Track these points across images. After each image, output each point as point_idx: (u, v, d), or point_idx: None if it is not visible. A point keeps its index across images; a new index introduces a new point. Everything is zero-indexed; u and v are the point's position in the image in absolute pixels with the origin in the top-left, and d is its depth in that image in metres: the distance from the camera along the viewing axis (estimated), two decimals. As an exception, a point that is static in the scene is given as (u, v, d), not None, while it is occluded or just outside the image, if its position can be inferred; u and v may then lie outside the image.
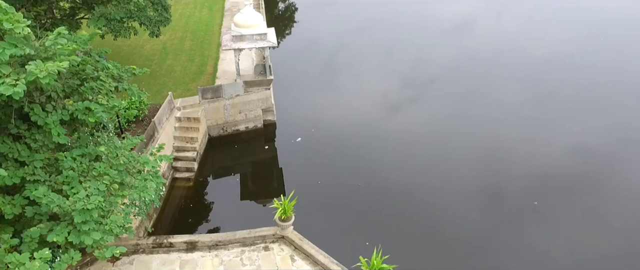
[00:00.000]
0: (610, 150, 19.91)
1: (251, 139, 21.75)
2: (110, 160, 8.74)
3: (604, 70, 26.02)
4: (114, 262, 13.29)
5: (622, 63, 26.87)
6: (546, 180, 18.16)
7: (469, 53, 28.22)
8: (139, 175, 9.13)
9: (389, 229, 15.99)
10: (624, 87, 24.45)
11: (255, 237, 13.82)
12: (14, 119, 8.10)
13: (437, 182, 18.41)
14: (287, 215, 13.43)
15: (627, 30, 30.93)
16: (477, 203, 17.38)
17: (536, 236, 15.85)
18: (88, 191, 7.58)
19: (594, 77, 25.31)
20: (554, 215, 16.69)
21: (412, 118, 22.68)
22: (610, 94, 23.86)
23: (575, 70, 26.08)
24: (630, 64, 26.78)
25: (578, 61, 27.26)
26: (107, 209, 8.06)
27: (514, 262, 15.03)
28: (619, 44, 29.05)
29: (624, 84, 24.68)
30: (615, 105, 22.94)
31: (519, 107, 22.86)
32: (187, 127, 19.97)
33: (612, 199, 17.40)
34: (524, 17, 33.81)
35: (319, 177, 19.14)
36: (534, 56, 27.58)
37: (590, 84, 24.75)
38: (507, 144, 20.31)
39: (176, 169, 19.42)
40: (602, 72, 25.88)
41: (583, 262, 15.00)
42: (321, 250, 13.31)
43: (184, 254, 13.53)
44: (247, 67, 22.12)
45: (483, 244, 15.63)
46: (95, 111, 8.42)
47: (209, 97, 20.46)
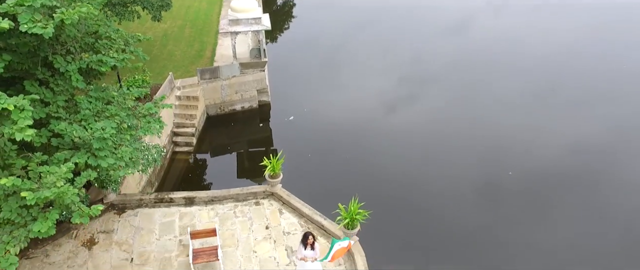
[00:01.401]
0: (612, 145, 20.40)
1: (247, 118, 23.43)
2: (120, 104, 10.45)
3: (606, 65, 26.68)
4: (120, 214, 15.01)
5: (624, 58, 27.59)
6: (546, 175, 18.69)
7: (468, 48, 29.22)
8: (144, 118, 10.82)
9: (371, 197, 17.16)
10: (627, 81, 25.06)
11: (247, 193, 15.51)
12: (40, 66, 9.82)
13: (431, 168, 19.42)
14: (276, 172, 15.11)
15: (629, 24, 31.89)
16: (474, 195, 17.97)
17: (534, 229, 16.42)
18: (102, 126, 9.29)
19: (596, 72, 25.96)
20: (555, 209, 17.21)
21: (406, 101, 24.21)
22: (612, 88, 24.46)
23: (577, 65, 26.74)
24: (632, 59, 27.52)
25: (580, 55, 27.92)
26: (118, 143, 9.74)
27: (512, 256, 15.63)
28: (621, 38, 29.92)
29: (626, 79, 25.31)
30: (617, 99, 23.53)
31: (519, 101, 23.52)
32: (186, 105, 21.68)
33: (613, 193, 17.90)
34: (525, 12, 34.83)
35: (309, 151, 20.79)
36: (536, 51, 28.42)
37: (592, 78, 25.38)
38: (506, 137, 20.89)
39: (176, 143, 21.13)
40: (604, 66, 26.51)
41: (584, 256, 15.46)
42: (306, 204, 14.99)
43: (183, 207, 15.22)
44: (244, 52, 23.82)
45: (482, 238, 16.09)
46: (108, 62, 10.15)
47: (207, 78, 22.17)
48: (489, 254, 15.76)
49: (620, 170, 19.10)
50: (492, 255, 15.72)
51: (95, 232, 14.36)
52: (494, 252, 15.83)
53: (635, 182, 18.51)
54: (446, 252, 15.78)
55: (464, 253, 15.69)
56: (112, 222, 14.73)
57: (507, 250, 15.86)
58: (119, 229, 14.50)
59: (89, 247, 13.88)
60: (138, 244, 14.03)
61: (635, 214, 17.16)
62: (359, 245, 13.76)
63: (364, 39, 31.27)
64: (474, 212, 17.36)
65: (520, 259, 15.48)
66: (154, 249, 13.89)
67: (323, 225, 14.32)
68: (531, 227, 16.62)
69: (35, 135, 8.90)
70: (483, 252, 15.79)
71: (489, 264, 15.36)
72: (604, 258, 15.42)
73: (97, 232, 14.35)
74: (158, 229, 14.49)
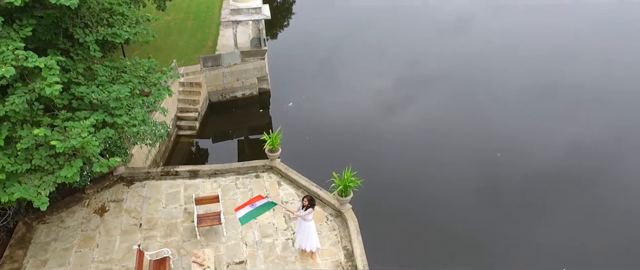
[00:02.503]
0: (611, 145, 20.86)
1: (247, 105, 24.67)
2: (133, 72, 11.68)
3: (605, 65, 27.07)
4: (129, 186, 16.21)
5: (623, 58, 27.98)
6: (545, 175, 19.09)
7: (466, 48, 29.73)
8: (154, 87, 12.04)
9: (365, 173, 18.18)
10: (627, 82, 25.42)
11: (248, 167, 16.72)
12: (61, 37, 11.04)
13: (427, 154, 20.26)
14: (275, 147, 16.31)
15: (628, 25, 32.33)
16: (472, 193, 18.43)
17: (532, 228, 16.80)
18: (118, 89, 10.51)
19: (595, 72, 26.36)
20: (553, 208, 17.66)
21: (405, 99, 25.18)
22: (611, 89, 24.83)
23: (576, 66, 27.12)
24: (631, 59, 27.97)
25: (578, 56, 28.31)
26: (131, 106, 10.95)
27: (510, 254, 16.04)
28: (620, 39, 30.38)
29: (625, 79, 25.67)
30: (615, 100, 23.89)
31: (518, 101, 24.01)
32: (189, 91, 22.92)
33: (611, 193, 18.29)
34: (523, 12, 35.27)
35: (307, 134, 22.00)
36: (534, 51, 28.88)
37: (591, 78, 25.78)
38: (505, 137, 21.30)
39: (180, 127, 22.36)
40: (602, 67, 26.91)
41: (582, 256, 15.84)
42: (303, 176, 16.18)
43: (187, 180, 16.43)
44: (245, 42, 25.09)
45: (481, 237, 16.49)
46: (121, 35, 11.37)
47: (209, 65, 23.42)
48: (485, 247, 16.09)
49: (618, 170, 19.44)
50: (488, 248, 16.07)
51: (106, 201, 15.56)
52: (490, 245, 16.18)
53: (633, 182, 18.80)
54: (434, 226, 16.93)
55: (456, 238, 16.48)
56: (122, 192, 15.93)
57: (503, 245, 16.23)
58: (128, 198, 15.70)
59: (100, 214, 15.08)
60: (146, 211, 15.23)
61: (633, 213, 17.41)
62: (352, 212, 14.95)
63: (363, 35, 32.40)
64: (468, 201, 18.03)
65: (518, 257, 15.80)
66: (161, 215, 15.09)
67: (319, 195, 15.51)
68: (529, 226, 16.90)
69: (58, 97, 10.15)
70: (477, 244, 16.14)
71: (485, 258, 15.75)
72: (602, 258, 15.77)
73: (108, 201, 15.55)
74: (164, 199, 15.69)
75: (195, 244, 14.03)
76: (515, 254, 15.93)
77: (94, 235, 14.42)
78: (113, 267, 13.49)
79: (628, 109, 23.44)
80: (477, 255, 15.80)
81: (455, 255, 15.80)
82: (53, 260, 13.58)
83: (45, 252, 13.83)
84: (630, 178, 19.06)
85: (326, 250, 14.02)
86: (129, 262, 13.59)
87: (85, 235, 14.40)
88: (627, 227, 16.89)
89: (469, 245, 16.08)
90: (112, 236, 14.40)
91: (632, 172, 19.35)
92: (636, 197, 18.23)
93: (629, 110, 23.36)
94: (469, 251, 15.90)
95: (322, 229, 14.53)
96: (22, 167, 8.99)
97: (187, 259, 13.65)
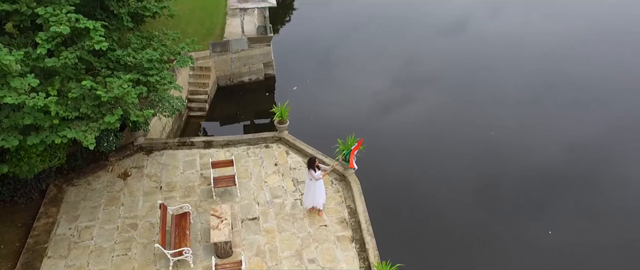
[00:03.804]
0: (609, 144, 21.20)
1: (254, 89, 26.35)
2: (161, 41, 13.38)
3: (603, 65, 27.41)
4: (148, 155, 17.87)
5: (622, 57, 28.34)
6: (544, 174, 19.49)
7: (465, 48, 30.36)
8: (179, 55, 13.73)
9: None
10: (625, 81, 25.77)
11: (258, 138, 18.41)
12: (98, 9, 12.73)
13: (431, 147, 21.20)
14: (283, 118, 17.99)
15: (626, 25, 32.74)
16: (471, 193, 18.89)
17: (530, 228, 17.23)
18: (149, 52, 12.20)
19: (593, 72, 26.68)
20: (551, 207, 18.07)
21: (404, 95, 26.66)
22: (609, 88, 25.20)
23: (574, 65, 27.48)
24: (630, 58, 28.34)
25: (576, 56, 28.67)
26: (160, 69, 12.62)
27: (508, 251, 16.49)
28: (618, 38, 30.77)
29: (623, 78, 26.04)
30: (613, 99, 24.26)
31: (516, 101, 24.55)
32: (199, 75, 24.62)
33: (609, 192, 18.64)
34: (522, 12, 35.81)
35: (311, 115, 23.66)
36: (532, 50, 29.36)
37: (589, 78, 26.13)
38: (504, 137, 21.75)
39: (190, 108, 24.04)
40: (601, 66, 27.24)
41: (581, 256, 16.20)
42: (310, 146, 17.85)
43: (202, 150, 18.10)
44: (251, 30, 26.78)
45: (479, 236, 16.95)
46: (150, 8, 13.07)
47: (218, 51, 25.11)
48: (484, 247, 16.62)
49: (616, 170, 19.80)
50: (488, 248, 16.62)
51: (128, 167, 17.23)
52: (489, 244, 16.72)
53: (632, 180, 19.15)
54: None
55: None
56: (142, 160, 17.59)
57: (501, 243, 16.82)
58: (148, 165, 17.37)
59: (123, 178, 16.74)
60: (165, 176, 16.90)
61: (632, 211, 17.76)
62: (355, 176, 16.61)
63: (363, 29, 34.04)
64: (466, 198, 18.39)
65: (516, 255, 16.33)
66: (179, 180, 16.76)
67: (324, 162, 17.13)
68: (527, 224, 17.39)
69: (96, 61, 11.84)
70: (476, 243, 16.70)
71: (485, 257, 16.33)
72: (601, 257, 16.11)
73: (130, 168, 17.21)
74: (182, 165, 17.35)
75: (211, 203, 15.68)
76: (514, 253, 16.39)
77: (118, 195, 16.07)
78: (138, 222, 15.14)
79: (627, 108, 23.65)
80: (476, 255, 16.32)
81: (454, 256, 16.42)
82: (83, 216, 15.24)
83: (76, 209, 15.49)
84: (629, 177, 19.35)
85: (331, 209, 15.68)
86: (152, 218, 15.25)
87: (110, 196, 16.05)
88: (627, 225, 17.23)
89: (468, 244, 16.61)
90: (135, 197, 16.06)
91: (631, 171, 19.66)
92: (635, 196, 18.56)
93: (627, 109, 23.56)
94: (468, 251, 16.43)
95: (327, 192, 16.12)
96: (72, 114, 10.63)
97: (205, 215, 15.31)
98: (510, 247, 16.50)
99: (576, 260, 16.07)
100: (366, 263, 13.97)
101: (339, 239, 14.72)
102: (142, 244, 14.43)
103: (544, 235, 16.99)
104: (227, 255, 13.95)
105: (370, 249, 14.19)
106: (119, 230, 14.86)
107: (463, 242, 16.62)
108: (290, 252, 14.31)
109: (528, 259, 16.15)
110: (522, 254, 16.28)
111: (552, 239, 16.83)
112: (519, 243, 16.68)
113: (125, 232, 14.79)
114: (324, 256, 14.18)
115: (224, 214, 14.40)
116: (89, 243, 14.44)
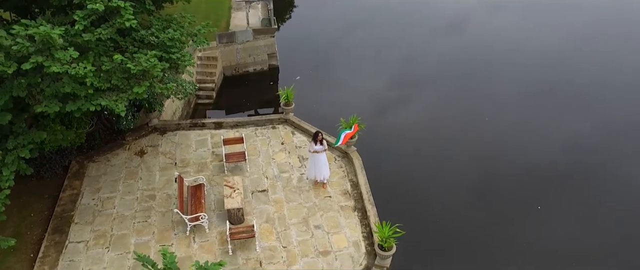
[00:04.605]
0: (608, 145, 21.64)
1: (258, 79, 27.78)
2: (180, 23, 14.81)
3: (602, 65, 27.85)
4: (162, 135, 19.28)
5: (621, 58, 28.75)
6: (543, 175, 19.92)
7: (464, 49, 30.82)
8: (196, 36, 15.16)
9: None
10: (623, 82, 26.23)
11: (266, 120, 19.85)
12: (122, -7, 14.17)
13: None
14: (289, 101, 19.41)
15: (625, 27, 32.98)
16: (470, 194, 19.35)
17: (528, 228, 17.75)
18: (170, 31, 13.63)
19: (592, 73, 27.13)
20: (550, 208, 18.51)
21: (404, 94, 28.15)
22: (607, 90, 25.58)
23: (573, 67, 27.93)
24: (627, 60, 28.73)
25: (574, 56, 29.08)
26: (180, 47, 14.04)
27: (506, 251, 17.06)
28: (616, 40, 31.07)
29: (621, 80, 26.46)
30: (611, 101, 24.67)
31: (515, 102, 25.00)
32: (206, 64, 26.05)
33: (607, 192, 19.07)
34: (520, 13, 36.17)
35: (314, 103, 25.08)
36: (530, 52, 29.80)
37: (587, 80, 26.56)
38: (503, 139, 22.30)
39: (199, 96, 25.45)
40: (600, 67, 27.66)
41: (579, 256, 16.65)
42: (314, 127, 19.25)
43: (213, 130, 19.52)
44: (255, 23, 28.21)
45: (478, 236, 17.49)
46: (171, -6, 14.57)
47: (224, 42, 26.56)
48: (483, 246, 17.21)
49: (614, 170, 20.23)
50: (486, 247, 17.26)
51: (144, 146, 18.64)
52: (487, 243, 17.38)
53: (628, 181, 19.56)
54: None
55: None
56: (157, 139, 19.00)
57: (499, 242, 17.43)
58: (162, 144, 18.78)
59: (140, 156, 18.15)
60: (179, 153, 18.31)
61: (629, 211, 18.21)
62: (357, 153, 18.04)
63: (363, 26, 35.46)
64: (464, 197, 19.09)
65: (514, 253, 16.92)
66: (193, 157, 18.17)
67: (329, 143, 18.54)
68: (525, 225, 17.93)
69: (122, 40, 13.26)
70: (475, 242, 17.35)
71: (484, 257, 16.99)
72: (599, 257, 16.57)
73: (146, 146, 18.63)
74: (194, 144, 18.77)
75: (223, 177, 17.06)
76: (512, 251, 17.02)
77: (136, 170, 17.48)
78: (155, 193, 16.55)
79: (625, 109, 24.09)
80: (475, 254, 16.95)
81: (454, 256, 17.03)
82: (105, 188, 16.64)
83: (98, 182, 16.89)
84: (626, 177, 19.79)
85: (335, 182, 17.09)
86: (168, 190, 16.66)
87: (129, 171, 17.46)
88: (625, 225, 17.73)
89: (466, 243, 17.23)
90: (152, 171, 17.46)
91: (628, 171, 20.14)
92: (632, 196, 19.00)
93: (626, 110, 24.00)
94: (467, 250, 17.07)
95: (330, 167, 17.52)
96: (104, 85, 12.03)
97: (218, 188, 16.72)
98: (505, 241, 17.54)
99: (577, 261, 16.56)
100: (367, 228, 15.38)
101: (342, 208, 16.13)
102: (160, 213, 15.82)
103: (544, 235, 17.41)
104: (239, 221, 15.34)
105: (371, 216, 15.61)
106: (138, 200, 16.25)
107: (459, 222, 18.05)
108: (297, 219, 15.71)
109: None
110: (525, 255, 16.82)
111: (551, 239, 17.24)
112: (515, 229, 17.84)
113: (144, 202, 16.18)
114: (328, 223, 15.59)
115: (236, 184, 15.81)
116: (112, 211, 15.83)
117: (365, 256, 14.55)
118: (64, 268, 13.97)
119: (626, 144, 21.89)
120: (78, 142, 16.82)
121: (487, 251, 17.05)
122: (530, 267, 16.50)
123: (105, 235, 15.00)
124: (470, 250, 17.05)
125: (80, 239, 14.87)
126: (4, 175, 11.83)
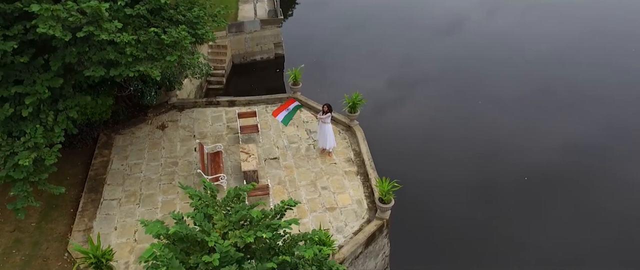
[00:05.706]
0: (606, 145, 22.38)
1: (265, 67, 29.97)
2: (201, 6, 16.98)
3: (600, 67, 28.70)
4: (180, 111, 21.39)
5: (618, 59, 29.62)
6: (541, 175, 20.71)
7: (463, 49, 31.86)
8: (216, 16, 17.30)
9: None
10: (620, 83, 27.08)
11: (275, 98, 22.00)
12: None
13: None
14: (297, 80, 21.54)
15: (623, 27, 33.80)
16: (469, 195, 20.50)
17: (527, 228, 18.60)
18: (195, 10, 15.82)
19: (590, 74, 27.94)
20: (548, 207, 19.33)
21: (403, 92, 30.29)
22: (605, 90, 26.40)
23: (571, 67, 28.74)
24: (626, 61, 29.58)
25: (573, 58, 29.93)
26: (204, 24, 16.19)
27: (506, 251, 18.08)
28: (615, 40, 31.95)
29: (620, 81, 27.31)
30: (610, 101, 25.46)
31: (514, 103, 25.97)
32: (217, 52, 28.23)
33: (605, 192, 19.85)
34: (519, 13, 37.15)
35: (318, 86, 27.21)
36: (529, 52, 30.72)
37: (586, 80, 27.35)
38: (502, 139, 23.20)
39: (209, 82, 27.61)
40: (598, 68, 28.53)
41: (578, 255, 17.41)
42: (320, 104, 21.35)
43: (227, 108, 21.64)
44: (262, 14, 30.41)
45: (477, 236, 18.59)
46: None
47: (233, 31, 28.75)
48: (482, 246, 18.47)
49: (612, 171, 20.97)
50: (486, 247, 18.52)
51: (165, 121, 20.75)
52: (487, 243, 18.62)
53: (627, 182, 20.32)
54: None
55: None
56: (176, 115, 21.12)
57: (498, 242, 18.61)
58: (181, 119, 20.90)
59: (162, 129, 20.26)
60: (197, 127, 20.43)
61: (627, 212, 19.00)
62: (359, 126, 20.16)
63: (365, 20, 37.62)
64: (464, 197, 20.56)
65: (513, 253, 17.97)
66: (210, 130, 20.29)
67: (334, 117, 20.67)
68: (524, 225, 18.85)
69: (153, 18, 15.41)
70: (474, 241, 18.60)
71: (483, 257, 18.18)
72: (598, 257, 17.26)
73: (166, 121, 20.74)
74: (210, 119, 20.89)
75: (238, 147, 19.16)
76: (512, 251, 18.06)
77: (159, 142, 19.59)
78: (178, 160, 18.65)
79: (623, 110, 24.95)
80: (475, 254, 18.06)
81: (454, 258, 18.21)
82: (132, 156, 18.76)
83: (125, 151, 19.00)
84: (625, 177, 20.57)
85: (339, 152, 19.21)
86: (189, 158, 18.76)
87: (152, 142, 19.57)
88: (621, 226, 18.55)
89: (466, 243, 18.41)
90: (173, 142, 19.58)
91: (628, 171, 20.95)
92: (630, 196, 19.79)
93: (624, 111, 24.84)
94: (467, 250, 18.24)
95: (335, 139, 19.62)
96: (141, 54, 14.14)
97: (234, 156, 18.82)
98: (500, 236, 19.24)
99: (575, 260, 17.41)
100: (369, 189, 17.48)
101: (346, 173, 18.24)
102: (183, 176, 17.92)
103: (543, 235, 18.25)
104: (254, 182, 17.42)
105: (372, 179, 17.71)
106: (162, 166, 18.36)
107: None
108: (306, 182, 17.82)
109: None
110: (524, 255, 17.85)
111: (551, 239, 18.19)
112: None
113: (168, 168, 18.29)
114: (334, 185, 17.69)
115: (251, 151, 17.93)
116: (139, 175, 17.94)
117: (367, 211, 16.65)
118: (101, 220, 16.06)
119: (626, 143, 22.70)
120: (105, 117, 18.92)
121: (479, 234, 19.04)
122: (530, 266, 17.41)
123: (135, 194, 17.10)
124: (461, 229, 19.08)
125: (113, 197, 16.97)
126: (56, 132, 13.92)
